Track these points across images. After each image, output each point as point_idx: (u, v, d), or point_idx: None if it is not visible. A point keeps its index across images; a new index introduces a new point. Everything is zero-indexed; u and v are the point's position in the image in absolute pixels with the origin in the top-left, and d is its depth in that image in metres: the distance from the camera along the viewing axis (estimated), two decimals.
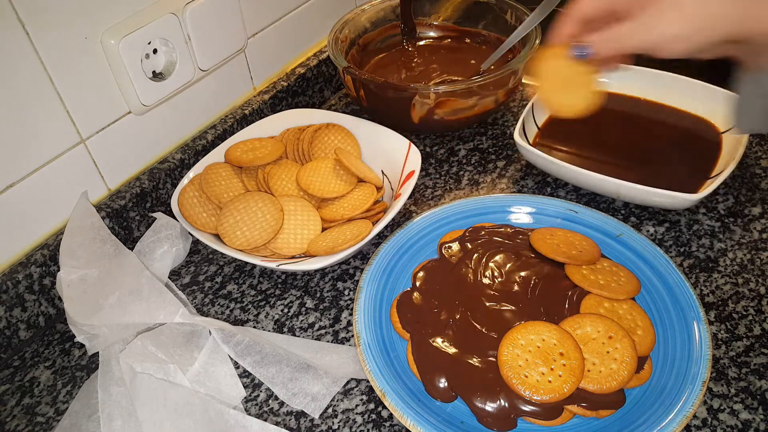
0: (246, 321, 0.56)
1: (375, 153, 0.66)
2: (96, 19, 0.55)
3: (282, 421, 0.48)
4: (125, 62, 0.57)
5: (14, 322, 0.55)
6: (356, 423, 0.47)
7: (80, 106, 0.56)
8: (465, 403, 0.45)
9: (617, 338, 0.46)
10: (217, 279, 0.60)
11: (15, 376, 0.53)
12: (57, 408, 0.51)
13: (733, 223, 0.60)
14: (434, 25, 0.85)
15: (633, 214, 0.62)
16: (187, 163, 0.67)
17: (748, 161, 0.66)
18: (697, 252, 0.58)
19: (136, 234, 0.64)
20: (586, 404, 0.44)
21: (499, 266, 0.54)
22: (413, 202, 0.66)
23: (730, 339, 0.50)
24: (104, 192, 0.62)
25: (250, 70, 0.74)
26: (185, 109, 0.67)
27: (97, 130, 0.59)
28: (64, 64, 0.54)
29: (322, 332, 0.54)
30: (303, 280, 0.59)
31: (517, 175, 0.68)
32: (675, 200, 0.57)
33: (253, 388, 0.50)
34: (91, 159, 0.59)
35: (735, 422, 0.45)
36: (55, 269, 0.56)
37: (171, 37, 0.60)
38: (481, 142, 0.74)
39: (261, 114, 0.74)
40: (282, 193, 0.61)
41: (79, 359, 0.54)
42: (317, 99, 0.83)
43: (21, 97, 0.52)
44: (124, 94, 0.59)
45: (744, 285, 0.54)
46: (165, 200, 0.65)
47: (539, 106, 0.70)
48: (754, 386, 0.47)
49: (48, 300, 0.57)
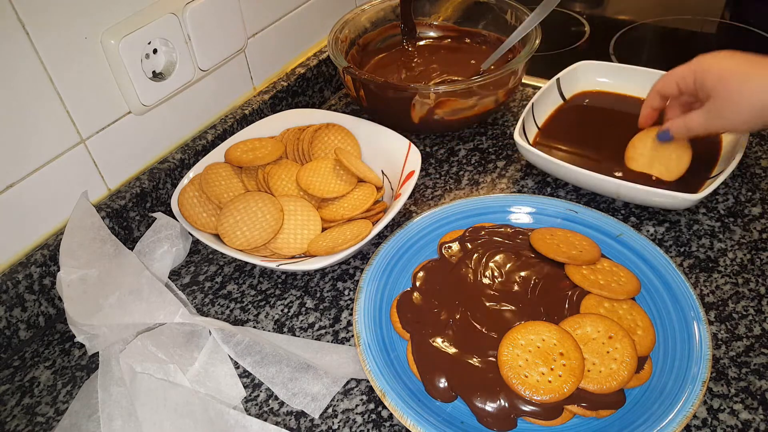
0: (246, 321, 0.56)
1: (375, 153, 0.66)
2: (96, 19, 0.55)
3: (282, 421, 0.48)
4: (125, 62, 0.57)
5: (14, 322, 0.55)
6: (356, 423, 0.47)
7: (80, 106, 0.57)
8: (465, 403, 0.45)
9: (617, 338, 0.46)
10: (217, 279, 0.60)
11: (15, 376, 0.53)
12: (57, 408, 0.51)
13: (733, 223, 0.60)
14: (434, 25, 0.85)
15: (633, 214, 0.62)
16: (187, 163, 0.67)
17: (748, 161, 0.66)
18: (697, 252, 0.57)
19: (136, 234, 0.64)
20: (586, 404, 0.44)
21: (499, 266, 0.54)
22: (413, 202, 0.66)
23: (730, 339, 0.50)
24: (104, 192, 0.62)
25: (250, 70, 0.74)
26: (185, 109, 0.67)
27: (97, 130, 0.59)
28: (64, 64, 0.54)
29: (322, 332, 0.54)
30: (303, 280, 0.59)
31: (517, 175, 0.68)
32: (675, 200, 0.57)
33: (253, 388, 0.50)
34: (91, 159, 0.59)
35: (735, 422, 0.45)
36: (55, 269, 0.56)
37: (171, 37, 0.60)
38: (481, 142, 0.74)
39: (261, 114, 0.74)
40: (282, 193, 0.61)
41: (79, 359, 0.54)
42: (317, 99, 0.83)
43: (21, 97, 0.52)
44: (124, 94, 0.59)
45: (744, 285, 0.54)
46: (165, 200, 0.66)
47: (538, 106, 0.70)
48: (754, 386, 0.47)
49: (48, 300, 0.57)
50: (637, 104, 0.72)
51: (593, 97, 0.74)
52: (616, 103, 0.73)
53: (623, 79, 0.73)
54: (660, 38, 0.93)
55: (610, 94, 0.73)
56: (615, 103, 0.73)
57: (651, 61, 0.85)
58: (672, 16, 0.97)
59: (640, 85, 0.72)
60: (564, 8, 1.02)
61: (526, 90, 0.81)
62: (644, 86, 0.72)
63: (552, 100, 0.73)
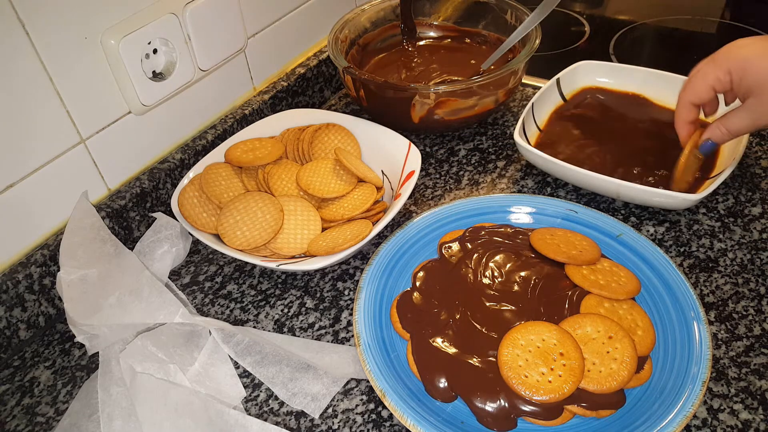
0: (246, 321, 0.56)
1: (375, 153, 0.66)
2: (96, 19, 0.55)
3: (282, 421, 0.48)
4: (125, 62, 0.57)
5: (14, 322, 0.55)
6: (356, 423, 0.47)
7: (80, 106, 0.56)
8: (465, 403, 0.45)
9: (617, 338, 0.46)
10: (217, 279, 0.60)
11: (15, 376, 0.53)
12: (57, 408, 0.51)
13: (733, 223, 0.60)
14: (434, 25, 0.85)
15: (633, 214, 0.62)
16: (187, 163, 0.67)
17: (748, 161, 0.66)
18: (697, 252, 0.57)
19: (136, 234, 0.64)
20: (586, 404, 0.44)
21: (499, 266, 0.54)
22: (413, 202, 0.66)
23: (730, 339, 0.50)
24: (104, 192, 0.62)
25: (250, 70, 0.74)
26: (185, 109, 0.67)
27: (97, 130, 0.59)
28: (64, 64, 0.54)
29: (322, 332, 0.54)
30: (303, 280, 0.59)
31: (517, 175, 0.68)
32: (675, 200, 0.57)
33: (253, 388, 0.50)
34: (91, 159, 0.59)
35: (735, 422, 0.45)
36: (55, 269, 0.56)
37: (171, 37, 0.60)
38: (481, 142, 0.74)
39: (261, 114, 0.74)
40: (282, 193, 0.61)
41: (79, 359, 0.54)
42: (317, 99, 0.83)
43: (21, 97, 0.52)
44: (124, 94, 0.59)
45: (744, 285, 0.54)
46: (165, 200, 0.65)
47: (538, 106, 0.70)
48: (754, 386, 0.47)
49: (48, 300, 0.57)
50: (637, 104, 0.72)
51: (594, 96, 0.74)
52: (616, 101, 0.73)
53: (623, 79, 0.73)
54: (660, 38, 0.93)
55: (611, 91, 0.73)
56: (616, 101, 0.73)
57: (651, 61, 0.85)
58: (672, 16, 0.97)
59: (640, 85, 0.72)
60: (564, 8, 1.02)
61: (526, 90, 0.81)
62: (644, 86, 0.72)
63: (552, 100, 0.73)
